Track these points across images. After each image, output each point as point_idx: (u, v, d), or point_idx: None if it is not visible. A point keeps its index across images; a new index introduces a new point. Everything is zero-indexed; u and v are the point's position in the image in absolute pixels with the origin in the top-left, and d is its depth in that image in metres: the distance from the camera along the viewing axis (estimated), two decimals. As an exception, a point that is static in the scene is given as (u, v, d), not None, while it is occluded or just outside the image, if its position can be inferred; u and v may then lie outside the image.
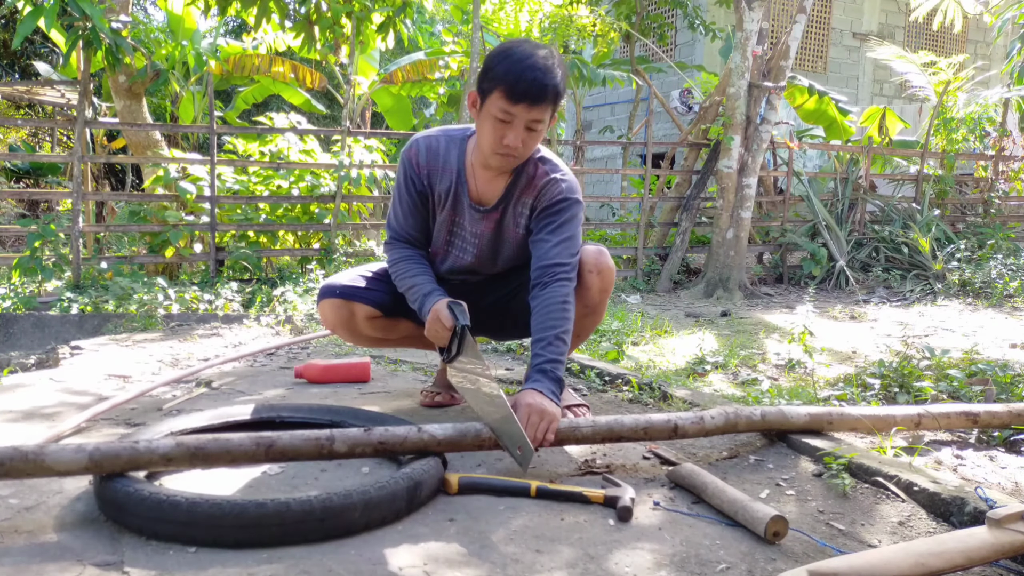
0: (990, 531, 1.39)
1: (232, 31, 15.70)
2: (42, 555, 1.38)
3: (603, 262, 2.12)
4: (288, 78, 9.47)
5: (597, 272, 2.11)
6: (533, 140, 1.96)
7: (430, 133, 2.16)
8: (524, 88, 1.85)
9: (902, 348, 3.18)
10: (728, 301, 5.88)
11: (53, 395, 2.55)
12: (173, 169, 5.57)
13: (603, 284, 2.14)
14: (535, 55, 1.89)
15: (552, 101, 1.91)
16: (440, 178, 2.12)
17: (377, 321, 2.24)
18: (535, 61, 1.87)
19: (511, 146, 1.93)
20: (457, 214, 2.14)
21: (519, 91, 1.85)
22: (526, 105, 1.87)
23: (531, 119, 1.90)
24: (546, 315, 1.94)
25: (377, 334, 2.28)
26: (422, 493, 1.61)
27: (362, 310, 2.20)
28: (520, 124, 1.91)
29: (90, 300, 4.72)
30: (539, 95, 1.87)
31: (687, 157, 7.12)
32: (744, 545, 1.51)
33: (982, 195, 8.20)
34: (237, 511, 1.41)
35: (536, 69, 1.86)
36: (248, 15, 5.69)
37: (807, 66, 12.89)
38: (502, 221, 2.13)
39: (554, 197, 2.07)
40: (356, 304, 2.19)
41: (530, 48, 1.91)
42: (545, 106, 1.90)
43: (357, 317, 2.21)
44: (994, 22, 8.10)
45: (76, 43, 5.04)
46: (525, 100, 1.86)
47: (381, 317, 2.24)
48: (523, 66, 1.86)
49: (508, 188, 2.08)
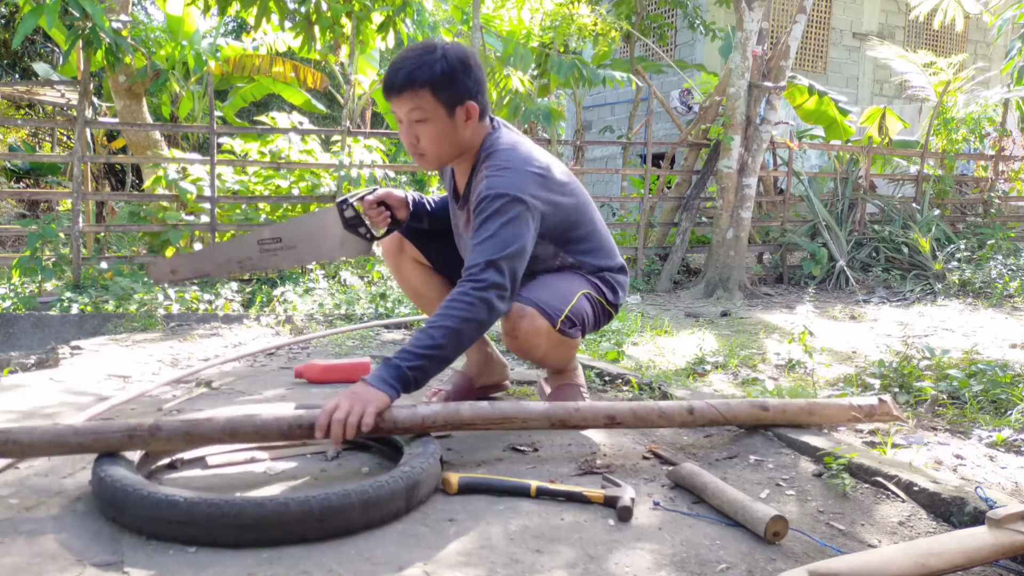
0: (990, 531, 1.39)
1: (232, 31, 15.69)
2: (42, 555, 1.38)
3: (520, 327, 2.00)
4: (288, 78, 9.47)
5: (514, 337, 2.02)
6: (427, 134, 1.98)
7: None
8: (385, 84, 1.96)
9: (902, 348, 3.18)
10: (728, 301, 5.88)
11: (53, 395, 2.55)
12: (173, 169, 5.57)
13: (521, 346, 2.04)
14: (410, 51, 1.96)
15: (410, 86, 1.92)
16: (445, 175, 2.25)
17: (425, 270, 2.34)
18: (398, 59, 1.96)
19: (408, 144, 2.02)
20: (451, 211, 2.26)
21: (384, 89, 1.96)
22: (392, 99, 1.96)
23: (403, 112, 1.97)
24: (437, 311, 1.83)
25: (420, 284, 2.35)
26: (420, 492, 1.61)
27: (412, 251, 2.30)
28: (402, 119, 2.00)
29: (90, 300, 4.72)
30: (391, 87, 1.94)
31: (687, 157, 7.12)
32: (744, 545, 1.51)
33: (982, 195, 8.20)
34: (236, 511, 1.41)
35: (392, 66, 1.95)
36: (248, 15, 5.69)
37: (807, 66, 12.89)
38: (469, 212, 2.06)
39: (480, 195, 1.94)
40: (407, 243, 2.29)
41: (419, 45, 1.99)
42: (406, 95, 1.93)
43: (407, 251, 2.31)
44: (994, 22, 8.10)
45: (76, 42, 5.04)
46: (388, 95, 1.96)
47: (430, 269, 2.33)
48: (391, 64, 1.97)
49: (468, 181, 2.11)
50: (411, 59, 1.93)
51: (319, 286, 5.02)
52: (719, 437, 2.18)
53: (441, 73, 1.93)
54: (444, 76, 1.93)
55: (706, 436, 2.21)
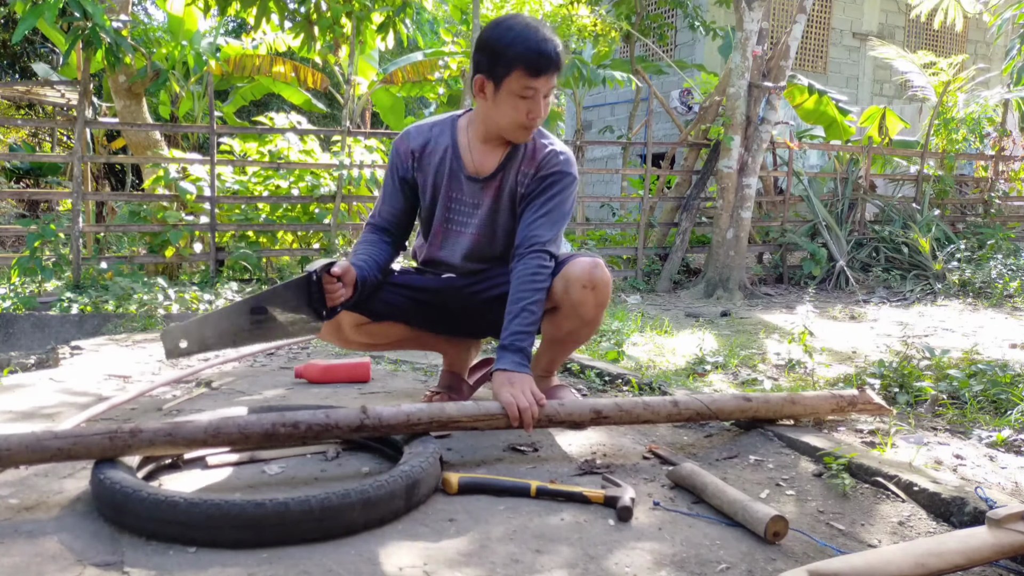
0: (990, 531, 1.39)
1: (232, 31, 15.69)
2: (42, 555, 1.38)
3: (598, 276, 2.07)
4: (288, 78, 9.47)
5: (592, 288, 2.07)
6: (548, 104, 2.06)
7: (420, 122, 2.26)
8: (544, 63, 1.96)
9: (902, 348, 3.18)
10: (728, 301, 5.88)
11: (53, 395, 2.55)
12: (173, 169, 5.57)
13: (598, 299, 2.10)
14: (539, 28, 1.99)
15: (560, 64, 2.01)
16: (431, 159, 2.17)
17: (366, 327, 2.22)
18: (543, 33, 1.98)
19: (536, 117, 2.03)
20: (454, 189, 2.17)
21: (541, 66, 1.96)
22: (547, 77, 1.98)
23: (549, 88, 2.02)
24: (516, 288, 1.98)
25: (368, 340, 2.27)
26: (420, 492, 1.61)
27: (348, 318, 2.17)
28: (541, 95, 2.01)
29: (90, 300, 4.72)
30: (557, 64, 1.99)
31: (687, 157, 7.12)
32: (744, 545, 1.51)
33: (982, 195, 8.20)
34: (236, 511, 1.41)
35: (547, 41, 1.97)
36: (248, 15, 5.69)
37: (807, 66, 12.90)
38: (502, 189, 2.14)
39: (552, 167, 2.11)
40: (342, 312, 2.12)
41: (528, 21, 2.02)
42: (559, 71, 2.01)
43: (344, 327, 2.19)
44: (994, 22, 8.10)
45: (76, 42, 5.04)
46: (546, 72, 1.98)
47: (369, 323, 2.21)
48: (536, 42, 1.95)
49: (507, 157, 2.13)
50: (551, 37, 1.99)
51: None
52: (719, 437, 2.18)
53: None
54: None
55: (706, 436, 2.21)
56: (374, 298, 2.17)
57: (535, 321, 1.96)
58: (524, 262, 2.01)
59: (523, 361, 1.90)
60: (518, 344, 1.92)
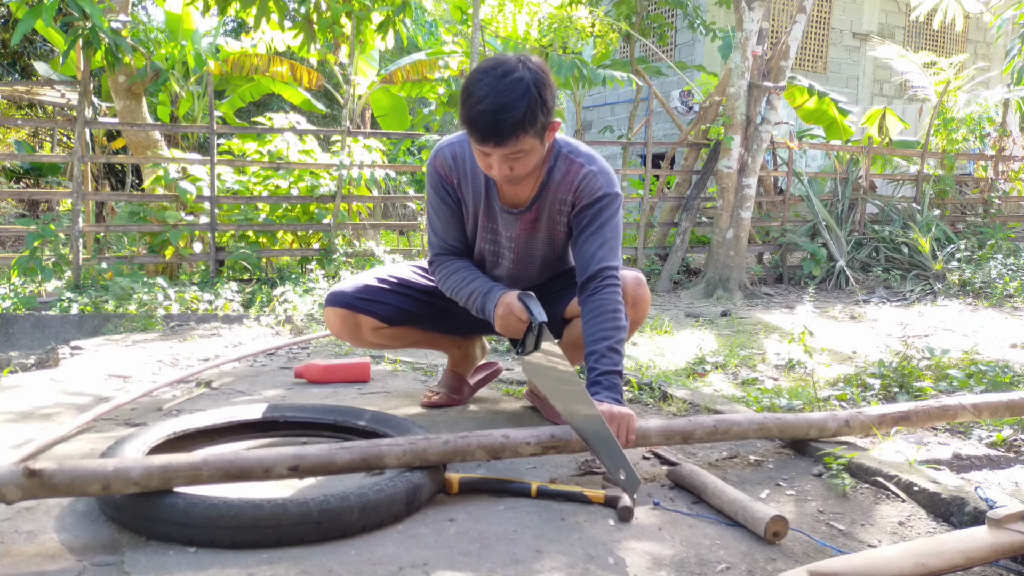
0: (990, 531, 1.39)
1: (232, 31, 15.68)
2: (42, 555, 1.38)
3: (641, 294, 2.08)
4: (287, 78, 9.46)
5: (633, 304, 2.06)
6: (523, 163, 1.87)
7: (453, 139, 2.09)
8: (482, 133, 1.79)
9: (902, 348, 3.18)
10: (728, 301, 5.88)
11: (53, 395, 2.55)
12: (173, 169, 5.57)
13: (637, 316, 2.11)
14: (493, 91, 1.76)
15: (521, 131, 1.79)
16: (469, 184, 2.07)
17: (383, 331, 2.25)
18: (491, 101, 1.76)
19: (502, 176, 1.89)
20: (490, 219, 2.10)
21: (480, 136, 1.80)
22: (492, 145, 1.80)
23: (504, 153, 1.82)
24: (599, 325, 1.89)
25: (383, 341, 2.30)
26: (421, 496, 1.61)
27: (368, 322, 2.20)
28: (498, 158, 1.84)
29: (90, 300, 4.72)
30: (499, 135, 1.78)
31: (687, 157, 7.12)
32: (744, 545, 1.51)
33: (982, 195, 8.20)
34: (234, 512, 1.41)
35: (489, 112, 1.76)
36: (248, 15, 5.68)
37: (807, 66, 12.89)
38: (538, 220, 2.08)
39: (594, 193, 2.00)
40: (362, 316, 2.19)
41: (490, 81, 1.78)
42: (513, 140, 1.79)
43: (363, 328, 2.22)
44: (994, 22, 8.10)
45: (75, 42, 5.04)
46: (489, 142, 1.80)
47: (386, 328, 2.24)
48: (477, 111, 1.77)
49: (541, 187, 2.03)
50: (510, 105, 1.76)
51: (319, 286, 5.02)
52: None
53: (539, 111, 1.81)
54: (541, 113, 1.82)
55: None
56: (392, 305, 2.21)
57: (622, 356, 1.89)
58: (601, 295, 1.92)
59: (620, 398, 1.83)
60: (615, 381, 1.85)
